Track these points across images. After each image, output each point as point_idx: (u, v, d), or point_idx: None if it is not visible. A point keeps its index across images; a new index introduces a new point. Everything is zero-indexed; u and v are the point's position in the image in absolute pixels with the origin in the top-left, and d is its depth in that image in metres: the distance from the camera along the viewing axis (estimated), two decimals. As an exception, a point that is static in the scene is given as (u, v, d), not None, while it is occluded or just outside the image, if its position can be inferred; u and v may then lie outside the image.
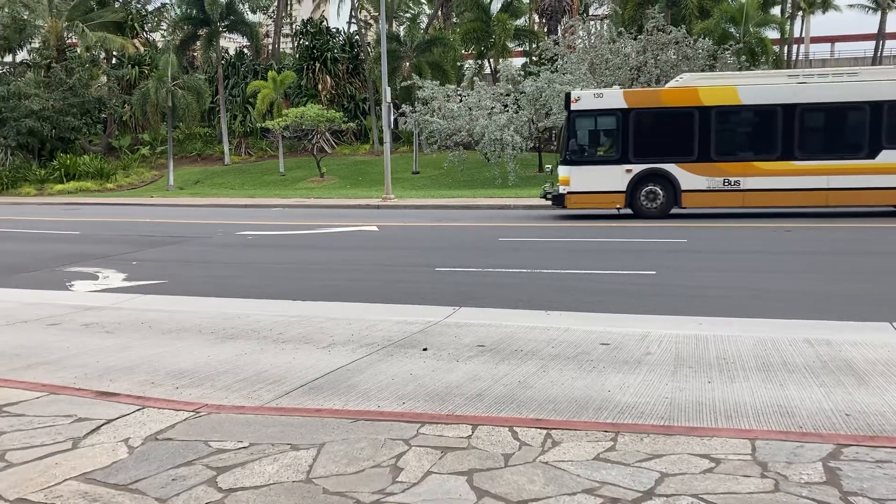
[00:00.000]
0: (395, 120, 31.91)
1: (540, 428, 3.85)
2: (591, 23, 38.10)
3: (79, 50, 46.53)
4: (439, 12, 50.74)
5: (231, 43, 58.29)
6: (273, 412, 4.22)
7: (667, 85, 19.67)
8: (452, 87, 34.88)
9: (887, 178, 16.88)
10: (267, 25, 63.02)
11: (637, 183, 17.87)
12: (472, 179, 35.21)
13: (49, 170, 40.95)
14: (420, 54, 41.71)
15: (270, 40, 59.02)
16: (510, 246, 13.52)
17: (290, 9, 63.50)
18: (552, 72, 32.32)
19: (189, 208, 27.52)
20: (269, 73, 42.95)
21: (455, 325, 6.51)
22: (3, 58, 48.30)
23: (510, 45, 46.53)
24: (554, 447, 3.60)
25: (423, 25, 48.69)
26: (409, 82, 37.39)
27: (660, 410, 4.16)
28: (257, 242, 15.26)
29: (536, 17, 52.20)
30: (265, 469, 3.38)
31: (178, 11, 47.76)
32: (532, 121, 33.07)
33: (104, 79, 46.76)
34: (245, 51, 55.20)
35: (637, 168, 17.82)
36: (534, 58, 42.05)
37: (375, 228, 17.28)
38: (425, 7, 54.83)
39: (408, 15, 52.14)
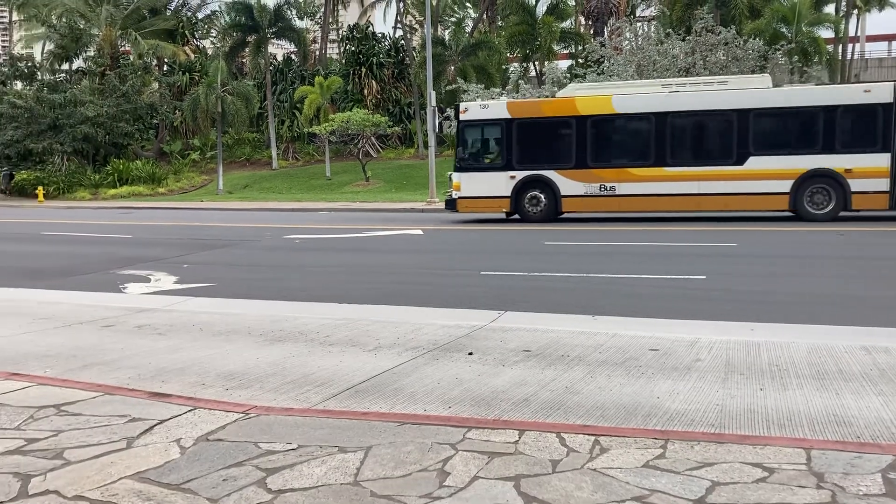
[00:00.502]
0: (440, 123, 31.95)
1: (588, 434, 3.82)
2: (638, 24, 37.71)
3: (132, 57, 47.72)
4: (484, 16, 50.73)
5: (279, 49, 59.10)
6: (321, 414, 4.26)
7: (557, 94, 20.75)
8: (497, 90, 34.83)
9: (755, 183, 17.45)
10: (314, 31, 63.75)
11: (520, 189, 18.79)
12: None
13: (103, 175, 42.03)
14: (465, 58, 41.77)
15: (317, 46, 59.72)
16: (556, 249, 13.44)
17: (337, 15, 64.18)
18: (598, 74, 32.07)
19: (238, 212, 27.98)
20: (316, 78, 43.47)
21: (500, 329, 6.49)
22: (60, 66, 49.74)
23: (556, 47, 46.30)
24: (602, 454, 3.56)
25: (468, 29, 48.79)
26: (454, 86, 37.44)
27: (710, 418, 4.08)
28: (304, 246, 15.44)
29: (582, 20, 51.90)
30: (313, 471, 3.41)
31: (227, 19, 48.64)
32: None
33: (156, 85, 47.82)
34: (292, 57, 55.90)
35: (520, 175, 18.74)
36: (579, 60, 41.77)
37: (420, 232, 17.34)
38: (470, 11, 54.93)
39: (453, 19, 52.30)
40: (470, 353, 5.63)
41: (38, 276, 11.32)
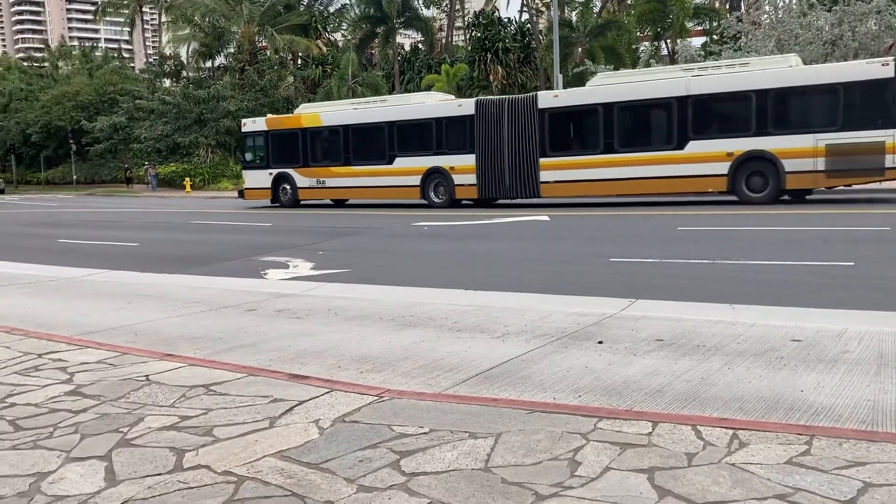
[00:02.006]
0: (567, 107, 31.48)
1: (726, 427, 3.67)
2: (779, -4, 35.57)
3: (268, 53, 49.89)
4: (613, -5, 49.50)
5: (406, 39, 60.09)
6: (451, 399, 4.32)
7: (295, 111, 26.68)
8: (628, 70, 33.96)
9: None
10: (440, 20, 64.31)
11: (275, 182, 25.55)
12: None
13: (244, 166, 44.28)
14: (593, 39, 40.96)
15: (443, 34, 60.23)
16: (690, 236, 12.98)
17: (463, 2, 64.43)
18: (735, 50, 30.59)
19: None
20: (443, 66, 43.90)
21: (631, 317, 6.34)
22: (203, 64, 52.74)
23: (689, 24, 44.54)
24: (741, 448, 3.42)
25: (596, 9, 47.71)
26: (581, 68, 36.80)
27: (861, 414, 3.83)
28: (432, 233, 15.67)
29: (717, -6, 49.59)
30: (445, 455, 3.47)
31: (357, 11, 49.93)
32: (713, 103, 31.47)
33: (291, 79, 49.82)
34: (419, 46, 56.68)
35: (274, 172, 25.54)
36: (714, 37, 40.00)
37: (546, 218, 17.20)
38: (598, -9, 53.66)
39: (580, 0, 51.27)
40: (600, 342, 5.54)
41: (186, 263, 12.09)
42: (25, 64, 78.20)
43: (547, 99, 20.82)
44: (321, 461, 3.46)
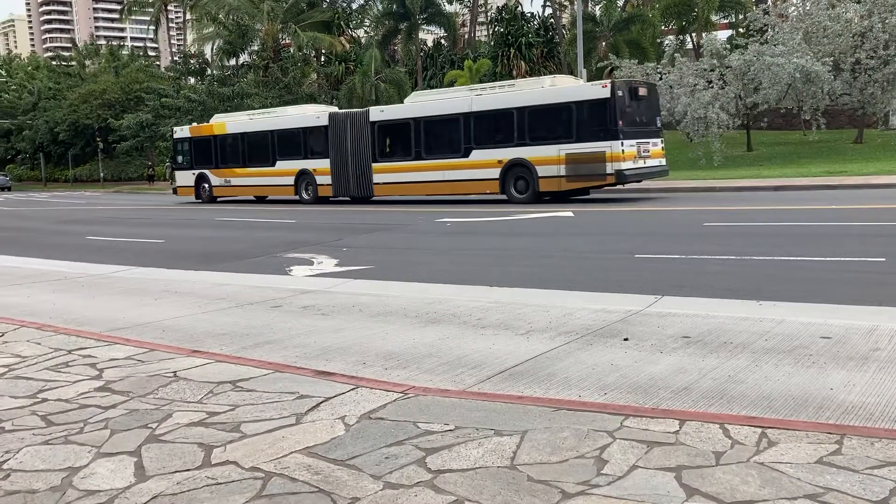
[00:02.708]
0: (591, 102, 31.31)
1: (754, 426, 3.64)
2: (806, -12, 35.07)
3: (292, 50, 50.13)
4: (637, -11, 49.10)
5: (429, 35, 60.06)
6: (476, 397, 4.32)
7: (211, 120, 31.11)
8: (652, 65, 33.67)
9: (281, 178, 26.58)
10: (463, 15, 64.20)
11: (197, 181, 29.70)
12: (672, 160, 33.74)
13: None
14: (617, 33, 40.68)
15: (466, 29, 60.12)
16: (715, 231, 12.86)
17: (486, -3, 64.30)
18: (762, 44, 30.24)
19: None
20: (466, 62, 43.82)
21: (657, 314, 6.29)
22: (227, 61, 53.13)
23: (714, 17, 44.06)
24: (770, 447, 3.38)
25: (620, 3, 47.37)
26: (605, 63, 36.56)
27: (893, 413, 3.77)
28: (455, 230, 15.67)
29: (743, -14, 48.94)
30: (471, 453, 3.47)
31: (380, 7, 49.99)
32: (739, 97, 31.16)
33: (314, 76, 50.02)
34: (442, 41, 56.61)
35: (196, 172, 29.69)
36: (740, 30, 39.57)
37: (571, 214, 17.13)
38: (622, -16, 53.25)
39: (604, -6, 50.90)
40: (625, 339, 5.51)
41: (212, 259, 12.20)
42: (54, 63, 79.31)
43: (376, 113, 24.43)
44: (347, 458, 3.47)
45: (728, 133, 31.29)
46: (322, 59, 53.46)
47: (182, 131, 31.13)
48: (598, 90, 19.58)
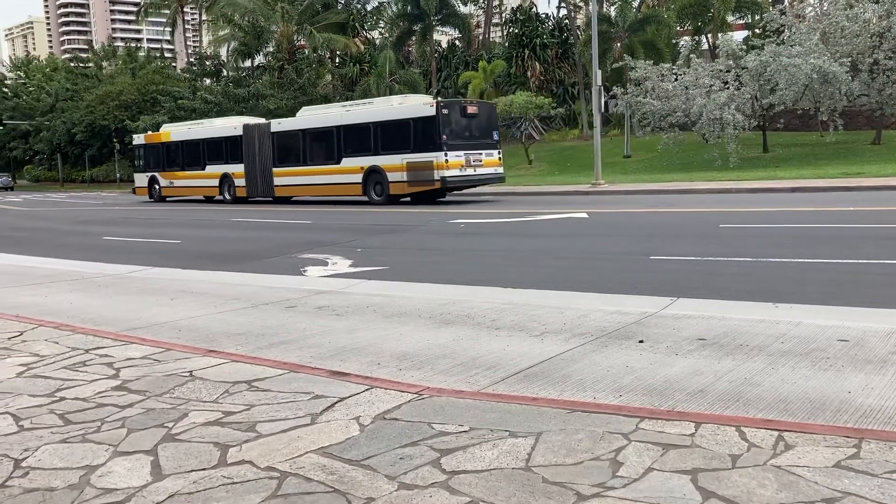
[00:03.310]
0: (606, 103, 31.31)
1: (770, 429, 3.61)
2: (824, -12, 34.81)
3: (307, 51, 50.31)
4: (652, -11, 48.90)
5: (443, 36, 60.09)
6: (490, 398, 4.32)
7: (161, 129, 36.86)
8: (667, 65, 33.55)
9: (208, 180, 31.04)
10: (477, 16, 64.20)
11: (150, 182, 34.58)
12: (688, 162, 33.73)
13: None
14: (632, 34, 40.55)
15: (481, 30, 60.11)
16: (732, 233, 12.79)
17: (500, -2, 64.24)
18: (778, 44, 30.05)
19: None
20: (480, 63, 43.81)
21: (672, 316, 6.27)
22: (243, 63, 53.40)
23: (730, 18, 43.82)
24: (787, 451, 3.36)
25: (635, 4, 47.22)
26: (620, 63, 36.46)
27: (912, 417, 3.74)
28: (469, 230, 15.67)
29: (759, -13, 48.65)
30: (485, 454, 3.47)
31: (395, 9, 50.05)
32: (755, 97, 30.97)
33: (329, 77, 50.16)
34: (457, 43, 56.64)
35: (149, 175, 34.47)
36: (757, 30, 39.35)
37: (585, 215, 17.09)
38: (637, -15, 53.07)
39: (619, -6, 50.75)
40: (640, 341, 5.49)
41: (228, 260, 12.26)
42: (71, 65, 79.96)
43: (275, 125, 28.42)
44: (362, 458, 3.48)
45: (744, 134, 31.11)
46: (337, 61, 53.62)
47: (139, 139, 35.84)
48: (427, 108, 23.00)
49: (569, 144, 43.29)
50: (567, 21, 49.90)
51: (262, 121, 30.67)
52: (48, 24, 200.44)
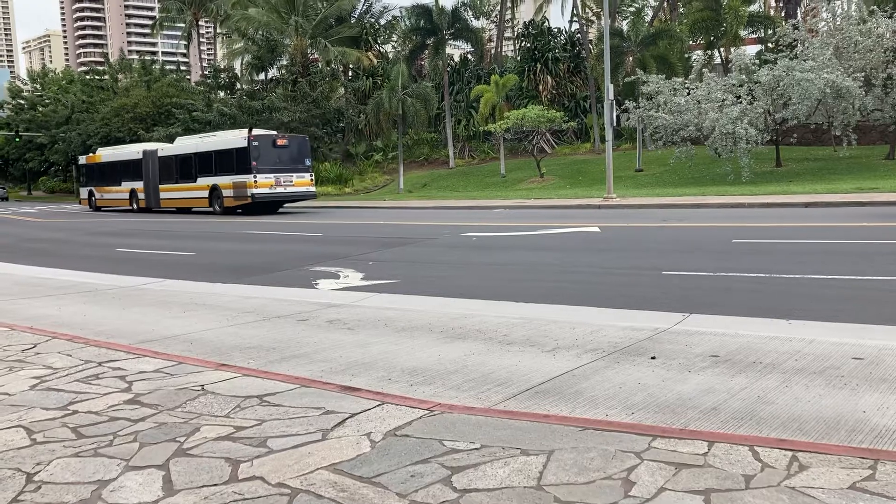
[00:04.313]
0: (618, 117, 31.25)
1: (784, 449, 3.58)
2: (837, 2, 34.78)
3: (320, 65, 50.59)
4: (664, 4, 48.95)
5: (456, 50, 60.30)
6: (502, 415, 4.30)
7: (96, 152, 43.38)
8: (679, 80, 33.52)
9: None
10: (490, 30, 64.43)
11: (89, 195, 41.60)
12: (700, 176, 33.65)
13: (295, 176, 45.01)
14: (644, 48, 40.55)
15: (493, 45, 60.30)
16: (745, 248, 12.73)
17: (513, 12, 64.43)
18: (791, 59, 29.98)
19: (417, 210, 28.91)
20: (492, 76, 43.91)
21: (685, 332, 6.24)
22: (257, 76, 53.74)
23: (743, 32, 43.76)
24: (801, 471, 3.33)
25: (647, 18, 47.29)
26: (632, 78, 36.48)
27: (928, 438, 3.70)
28: (480, 244, 15.66)
29: (772, 2, 48.76)
30: (497, 472, 3.45)
31: (407, 23, 50.28)
32: (768, 112, 30.89)
33: (342, 91, 50.40)
34: (469, 56, 56.82)
35: (87, 189, 41.92)
36: (769, 45, 39.30)
37: (597, 229, 17.06)
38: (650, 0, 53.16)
39: (631, 9, 50.87)
40: (653, 358, 5.47)
41: (239, 272, 12.31)
42: (87, 77, 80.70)
43: (160, 151, 35.69)
44: (373, 475, 3.47)
45: (756, 149, 31.00)
46: (350, 74, 53.90)
47: (82, 159, 43.72)
48: (242, 140, 29.93)
49: (580, 158, 43.29)
50: (579, 35, 50.00)
51: (154, 147, 37.57)
52: (65, 36, 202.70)
